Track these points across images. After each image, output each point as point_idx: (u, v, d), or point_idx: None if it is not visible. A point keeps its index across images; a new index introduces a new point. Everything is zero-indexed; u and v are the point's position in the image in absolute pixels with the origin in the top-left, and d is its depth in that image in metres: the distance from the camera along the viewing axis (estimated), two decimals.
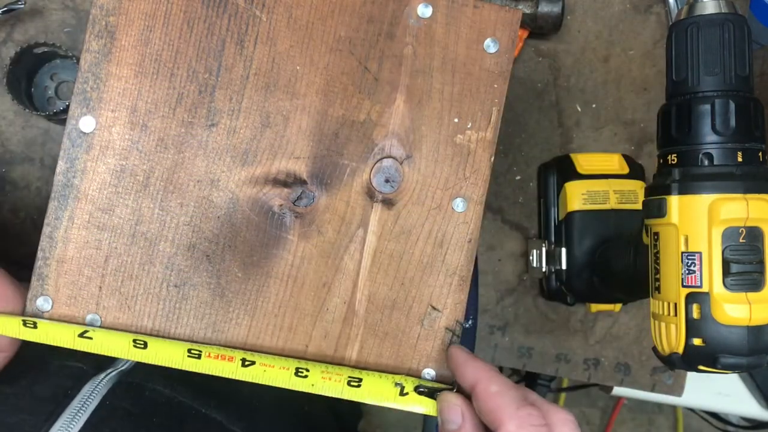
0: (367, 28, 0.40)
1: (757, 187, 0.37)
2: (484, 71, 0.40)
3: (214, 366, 0.38)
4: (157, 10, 0.39)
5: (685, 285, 0.38)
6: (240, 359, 0.38)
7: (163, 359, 0.38)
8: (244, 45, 0.39)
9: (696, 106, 0.38)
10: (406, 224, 0.40)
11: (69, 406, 0.39)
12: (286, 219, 0.40)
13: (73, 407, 0.39)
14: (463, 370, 0.37)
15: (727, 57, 0.37)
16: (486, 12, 0.40)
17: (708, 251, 0.37)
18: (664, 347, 0.39)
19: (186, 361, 0.37)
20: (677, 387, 0.64)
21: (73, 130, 0.39)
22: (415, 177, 0.40)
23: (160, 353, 0.38)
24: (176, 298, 0.39)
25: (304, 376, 0.38)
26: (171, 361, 0.37)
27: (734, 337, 0.36)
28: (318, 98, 0.40)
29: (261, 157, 0.39)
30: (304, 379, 0.38)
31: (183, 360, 0.37)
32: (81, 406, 0.39)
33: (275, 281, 0.40)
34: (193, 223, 0.39)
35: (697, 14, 0.38)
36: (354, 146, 0.40)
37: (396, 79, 0.40)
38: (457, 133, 0.40)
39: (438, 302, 0.40)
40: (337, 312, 0.40)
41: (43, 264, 0.39)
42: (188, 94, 0.39)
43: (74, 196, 0.39)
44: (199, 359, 0.37)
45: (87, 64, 0.38)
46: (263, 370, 0.38)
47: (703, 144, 0.38)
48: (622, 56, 0.60)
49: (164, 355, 0.38)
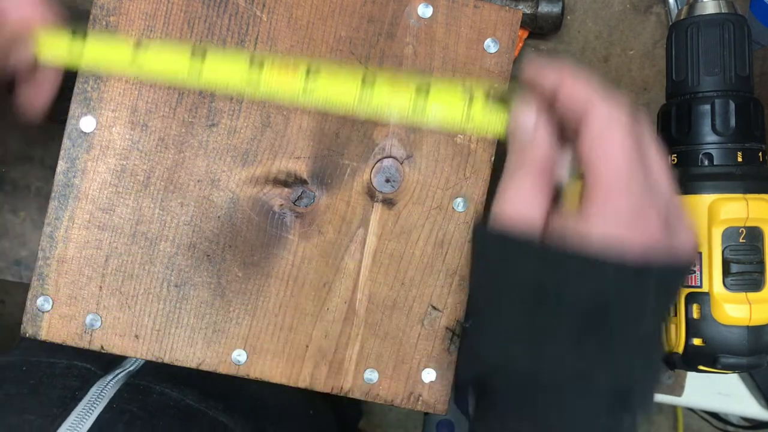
0: (367, 28, 0.40)
1: (757, 187, 0.37)
2: (485, 71, 0.40)
3: (277, 81, 0.35)
4: (157, 10, 0.39)
5: (685, 285, 0.38)
6: (304, 70, 0.35)
7: (222, 75, 0.35)
8: (244, 45, 0.39)
9: (696, 106, 0.38)
10: (406, 224, 0.40)
11: (76, 408, 0.39)
12: (286, 219, 0.40)
13: (80, 409, 0.39)
14: (545, 72, 0.34)
15: (727, 57, 0.37)
16: (486, 12, 0.40)
17: (708, 251, 0.37)
18: (664, 347, 0.39)
19: (249, 75, 0.35)
20: (677, 387, 0.64)
21: (73, 130, 0.39)
22: (415, 177, 0.40)
23: (219, 69, 0.35)
24: (176, 297, 0.39)
25: (370, 85, 0.36)
26: (230, 79, 0.35)
27: (734, 337, 0.36)
28: None
29: (261, 157, 0.39)
30: (371, 89, 0.35)
31: (245, 76, 0.35)
32: (88, 408, 0.39)
33: (276, 281, 0.40)
34: (194, 222, 0.39)
35: (697, 14, 0.38)
36: (354, 146, 0.40)
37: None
38: (457, 133, 0.40)
39: (438, 302, 0.40)
40: (338, 312, 0.40)
41: (44, 264, 0.39)
42: (188, 94, 0.39)
43: (75, 196, 0.39)
44: (261, 72, 0.35)
45: None
46: (328, 82, 0.35)
47: (703, 144, 0.38)
48: (622, 56, 0.60)
49: (224, 71, 0.35)
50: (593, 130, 0.32)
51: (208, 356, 0.39)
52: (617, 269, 0.31)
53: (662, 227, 0.32)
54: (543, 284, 0.32)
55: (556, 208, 0.34)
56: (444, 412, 0.41)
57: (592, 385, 0.32)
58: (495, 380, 0.34)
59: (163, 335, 0.39)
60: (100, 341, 0.39)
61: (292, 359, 0.40)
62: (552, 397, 0.33)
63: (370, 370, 0.40)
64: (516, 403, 0.34)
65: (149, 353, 0.39)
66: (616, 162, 0.31)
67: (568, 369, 0.32)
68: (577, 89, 0.32)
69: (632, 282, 0.31)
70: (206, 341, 0.39)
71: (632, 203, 0.31)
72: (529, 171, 0.34)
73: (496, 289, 0.34)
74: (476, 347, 0.35)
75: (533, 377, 0.33)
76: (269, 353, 0.40)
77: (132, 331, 0.39)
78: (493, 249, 0.34)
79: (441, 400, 0.40)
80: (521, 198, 0.34)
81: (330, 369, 0.40)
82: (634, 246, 0.31)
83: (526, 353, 0.33)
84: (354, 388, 0.40)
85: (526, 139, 0.35)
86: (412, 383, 0.40)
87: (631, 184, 0.31)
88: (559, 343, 0.32)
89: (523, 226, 0.33)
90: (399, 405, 0.40)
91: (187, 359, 0.39)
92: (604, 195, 0.31)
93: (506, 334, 0.34)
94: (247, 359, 0.39)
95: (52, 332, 0.39)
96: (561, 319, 0.32)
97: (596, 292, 0.31)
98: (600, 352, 0.32)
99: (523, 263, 0.33)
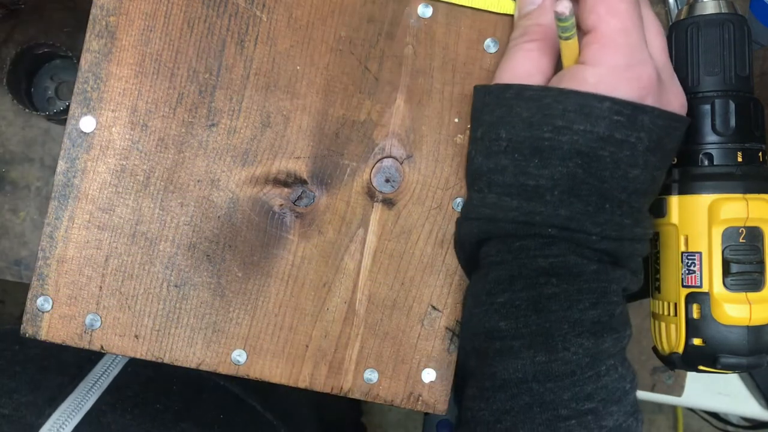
0: (367, 28, 0.40)
1: (757, 187, 0.37)
2: (485, 71, 0.40)
3: None
4: (157, 10, 0.39)
5: (685, 285, 0.38)
6: None
7: None
8: (244, 45, 0.39)
9: (696, 106, 0.38)
10: (406, 224, 0.40)
11: (92, 370, 0.41)
12: (286, 219, 0.40)
13: (96, 371, 0.41)
14: None
15: (727, 57, 0.37)
16: (486, 12, 0.40)
17: (708, 251, 0.37)
18: (664, 347, 0.39)
19: None
20: (677, 387, 0.64)
21: (73, 130, 0.39)
22: (415, 177, 0.40)
23: None
24: (176, 297, 0.39)
25: None
26: None
27: (734, 337, 0.36)
28: (318, 98, 0.40)
29: (261, 157, 0.39)
30: None
31: None
32: (103, 370, 0.41)
33: (275, 281, 0.40)
34: (194, 222, 0.39)
35: (697, 14, 0.38)
36: (354, 146, 0.40)
37: (396, 79, 0.40)
38: (457, 133, 0.40)
39: (438, 302, 0.40)
40: (338, 312, 0.40)
41: (44, 264, 0.39)
42: (188, 94, 0.39)
43: (75, 196, 0.39)
44: None
45: (87, 64, 0.39)
46: None
47: (703, 144, 0.38)
48: None
49: None
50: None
51: (208, 356, 0.39)
52: (609, 106, 0.33)
53: (653, 83, 0.34)
54: (538, 126, 0.34)
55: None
56: (444, 412, 0.41)
57: (580, 235, 0.34)
58: (491, 234, 0.36)
59: (162, 335, 0.39)
60: (100, 341, 0.39)
61: (292, 359, 0.40)
62: (539, 245, 0.35)
63: (370, 370, 0.40)
64: (505, 251, 0.36)
65: (149, 353, 0.39)
66: (614, 18, 0.34)
67: (558, 218, 0.34)
68: None
69: (623, 122, 0.33)
70: (206, 341, 0.39)
71: (626, 55, 0.34)
72: (533, 37, 0.37)
73: (494, 140, 0.36)
74: (472, 203, 0.37)
75: (525, 227, 0.35)
76: (269, 353, 0.40)
77: (132, 331, 0.39)
78: (494, 99, 0.36)
79: (441, 400, 0.40)
80: (523, 60, 0.36)
81: (330, 369, 0.40)
82: (625, 93, 0.33)
83: (519, 205, 0.35)
84: (354, 388, 0.40)
85: (532, 9, 0.37)
86: (412, 383, 0.40)
87: (627, 38, 0.34)
88: (551, 193, 0.34)
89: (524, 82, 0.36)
90: (399, 405, 0.40)
91: (186, 359, 0.39)
92: (600, 46, 0.34)
93: (500, 188, 0.35)
94: (247, 359, 0.39)
95: (52, 332, 0.39)
96: (554, 170, 0.34)
97: (588, 132, 0.33)
98: (589, 203, 0.34)
99: (519, 108, 0.35)
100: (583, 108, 0.33)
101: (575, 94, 0.33)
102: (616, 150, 0.33)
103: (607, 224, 0.34)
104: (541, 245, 0.35)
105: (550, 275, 0.34)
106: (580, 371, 0.33)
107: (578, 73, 0.34)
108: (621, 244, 0.34)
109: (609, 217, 0.34)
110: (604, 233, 0.34)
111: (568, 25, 0.33)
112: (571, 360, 0.33)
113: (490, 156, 0.36)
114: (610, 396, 0.34)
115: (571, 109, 0.33)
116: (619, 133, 0.33)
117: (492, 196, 0.36)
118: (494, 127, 0.36)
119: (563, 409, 0.33)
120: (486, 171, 0.36)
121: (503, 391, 0.35)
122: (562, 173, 0.34)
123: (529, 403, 0.34)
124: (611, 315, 0.34)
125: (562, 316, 0.34)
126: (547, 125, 0.34)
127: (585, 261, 0.34)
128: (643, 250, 0.36)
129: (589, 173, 0.34)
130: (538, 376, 0.34)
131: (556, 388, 0.33)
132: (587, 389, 0.33)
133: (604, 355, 0.34)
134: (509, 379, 0.34)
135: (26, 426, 0.40)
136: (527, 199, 0.35)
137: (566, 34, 0.34)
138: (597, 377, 0.34)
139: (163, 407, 0.44)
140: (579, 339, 0.34)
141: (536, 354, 0.34)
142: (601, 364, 0.34)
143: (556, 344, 0.34)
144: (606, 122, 0.33)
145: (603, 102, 0.33)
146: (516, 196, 0.35)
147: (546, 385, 0.34)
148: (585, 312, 0.34)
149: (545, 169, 0.34)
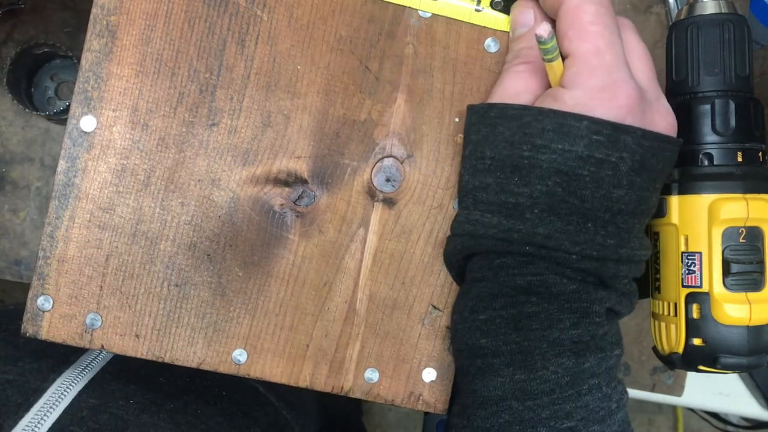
0: (368, 27, 0.40)
1: (757, 187, 0.37)
2: (485, 71, 0.40)
3: None
4: (158, 10, 0.39)
5: (685, 285, 0.38)
6: None
7: None
8: (245, 44, 0.39)
9: (696, 106, 0.38)
10: (407, 223, 0.40)
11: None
12: (287, 218, 0.40)
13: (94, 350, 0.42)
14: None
15: (727, 57, 0.37)
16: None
17: (708, 251, 0.37)
18: (664, 347, 0.39)
19: None
20: (677, 387, 0.64)
21: (73, 130, 0.39)
22: (416, 176, 0.40)
23: None
24: (177, 297, 0.39)
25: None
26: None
27: (734, 337, 0.36)
28: (319, 98, 0.40)
29: (262, 157, 0.39)
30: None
31: None
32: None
33: (276, 280, 0.40)
34: (194, 222, 0.39)
35: (697, 14, 0.38)
36: (355, 146, 0.40)
37: (397, 79, 0.40)
38: (458, 133, 0.40)
39: (439, 302, 0.40)
40: (338, 311, 0.40)
41: (44, 263, 0.39)
42: (189, 94, 0.39)
43: (75, 196, 0.39)
44: None
45: (88, 64, 0.39)
46: None
47: (703, 144, 0.38)
48: None
49: None
50: (569, 8, 0.34)
51: (209, 356, 0.39)
52: (587, 125, 0.33)
53: (632, 101, 0.34)
54: (519, 144, 0.34)
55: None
56: (444, 412, 0.41)
57: (558, 253, 0.34)
58: (473, 250, 0.37)
59: (163, 335, 0.39)
60: (101, 341, 0.39)
61: (293, 359, 0.40)
62: (518, 263, 0.35)
63: (370, 369, 0.40)
64: (486, 267, 0.36)
65: (150, 353, 0.39)
66: (585, 42, 0.34)
67: (536, 236, 0.34)
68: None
69: (603, 141, 0.33)
70: (207, 341, 0.39)
71: (601, 76, 0.34)
72: (524, 59, 0.37)
73: (480, 158, 0.36)
74: (458, 219, 0.38)
75: (504, 245, 0.35)
76: (270, 353, 0.40)
77: (132, 330, 0.39)
78: (480, 119, 0.37)
79: (441, 399, 0.40)
80: (513, 81, 0.37)
81: (330, 368, 0.40)
82: (602, 113, 0.34)
83: (499, 222, 0.35)
84: (354, 387, 0.40)
85: (523, 32, 0.38)
86: (412, 383, 0.40)
87: (601, 60, 0.34)
88: (531, 211, 0.34)
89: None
90: (399, 404, 0.40)
91: (187, 359, 0.39)
92: (576, 69, 0.34)
93: (484, 205, 0.36)
94: (248, 359, 0.39)
95: (53, 332, 0.39)
96: (533, 188, 0.34)
97: (567, 152, 0.33)
98: (569, 222, 0.34)
99: (502, 127, 0.35)
100: (561, 127, 0.33)
101: (554, 113, 0.34)
102: (597, 170, 0.33)
103: (588, 243, 0.34)
104: (520, 263, 0.35)
105: (529, 294, 0.34)
106: (560, 390, 0.34)
107: (558, 95, 0.34)
108: (603, 264, 0.34)
109: (590, 236, 0.34)
110: (584, 252, 0.34)
111: (549, 47, 0.33)
112: (550, 378, 0.34)
113: (476, 174, 0.36)
114: (591, 415, 0.34)
115: (549, 128, 0.34)
116: (599, 153, 0.33)
117: (476, 213, 0.36)
118: (479, 145, 0.36)
119: (542, 427, 0.34)
120: (471, 188, 0.37)
121: (483, 409, 0.35)
122: (542, 191, 0.34)
123: (509, 421, 0.34)
124: (593, 335, 0.34)
125: (541, 335, 0.34)
126: (526, 144, 0.34)
127: (565, 280, 0.34)
128: (629, 271, 0.35)
129: (569, 192, 0.34)
130: (517, 394, 0.34)
131: (535, 406, 0.34)
132: (566, 408, 0.34)
133: (586, 374, 0.34)
134: (489, 397, 0.34)
135: (31, 390, 0.40)
136: (507, 216, 0.35)
137: (549, 56, 0.34)
138: (577, 396, 0.34)
139: (167, 380, 0.45)
140: (559, 358, 0.34)
141: (515, 372, 0.34)
142: (583, 383, 0.34)
143: (536, 363, 0.34)
144: (585, 141, 0.33)
145: (581, 121, 0.33)
146: (497, 214, 0.35)
147: (525, 404, 0.34)
148: (565, 331, 0.34)
149: (525, 187, 0.34)
